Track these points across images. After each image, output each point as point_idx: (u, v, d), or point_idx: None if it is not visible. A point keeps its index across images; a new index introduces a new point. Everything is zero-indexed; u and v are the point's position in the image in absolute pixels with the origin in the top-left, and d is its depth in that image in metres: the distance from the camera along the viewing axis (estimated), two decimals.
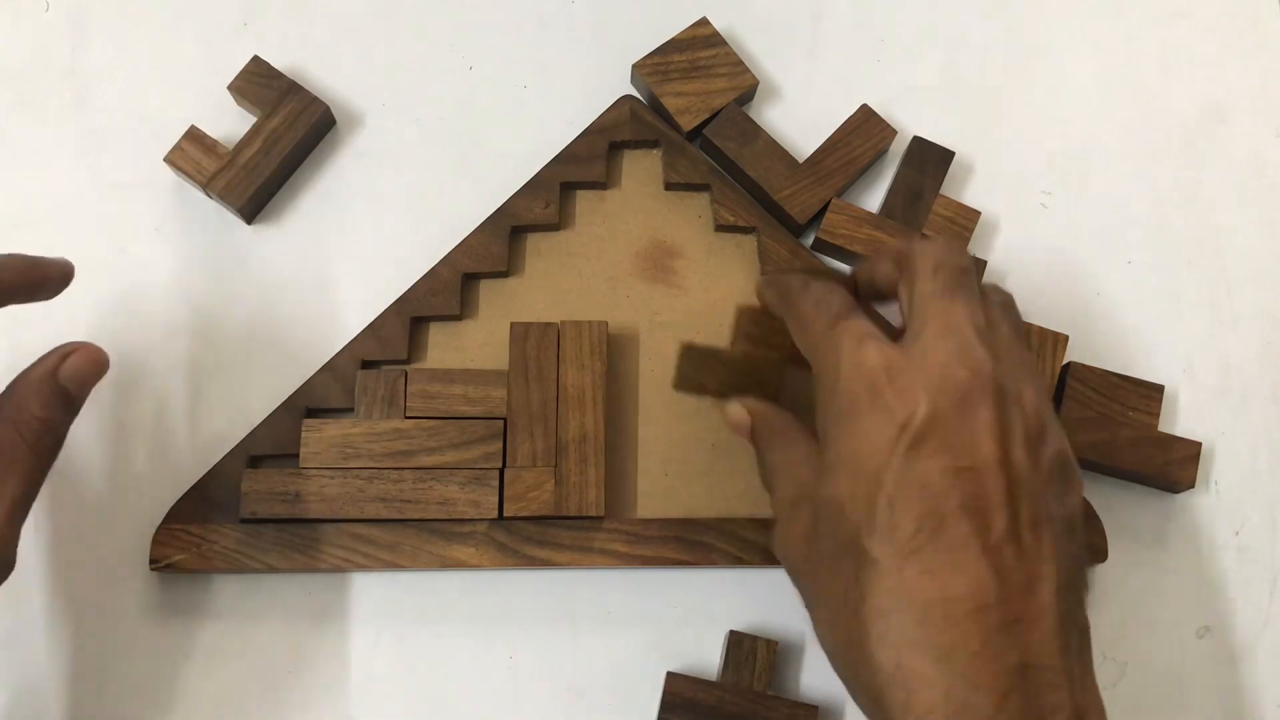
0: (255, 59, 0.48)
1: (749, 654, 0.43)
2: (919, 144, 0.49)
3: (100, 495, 0.45)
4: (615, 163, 0.49)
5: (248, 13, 0.51)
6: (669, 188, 0.49)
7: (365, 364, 0.46)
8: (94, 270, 0.47)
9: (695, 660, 0.45)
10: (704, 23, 0.49)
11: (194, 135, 0.47)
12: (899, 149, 0.49)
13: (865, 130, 0.48)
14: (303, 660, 0.44)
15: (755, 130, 0.48)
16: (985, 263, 0.48)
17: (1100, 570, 0.46)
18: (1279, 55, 0.52)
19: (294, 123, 0.47)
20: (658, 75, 0.48)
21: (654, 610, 0.45)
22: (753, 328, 0.42)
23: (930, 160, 0.49)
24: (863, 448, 0.33)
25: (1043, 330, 0.46)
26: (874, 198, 0.50)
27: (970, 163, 0.50)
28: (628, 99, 0.48)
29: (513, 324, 0.45)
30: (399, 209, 0.49)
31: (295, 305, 0.47)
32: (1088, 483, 0.47)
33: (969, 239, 0.48)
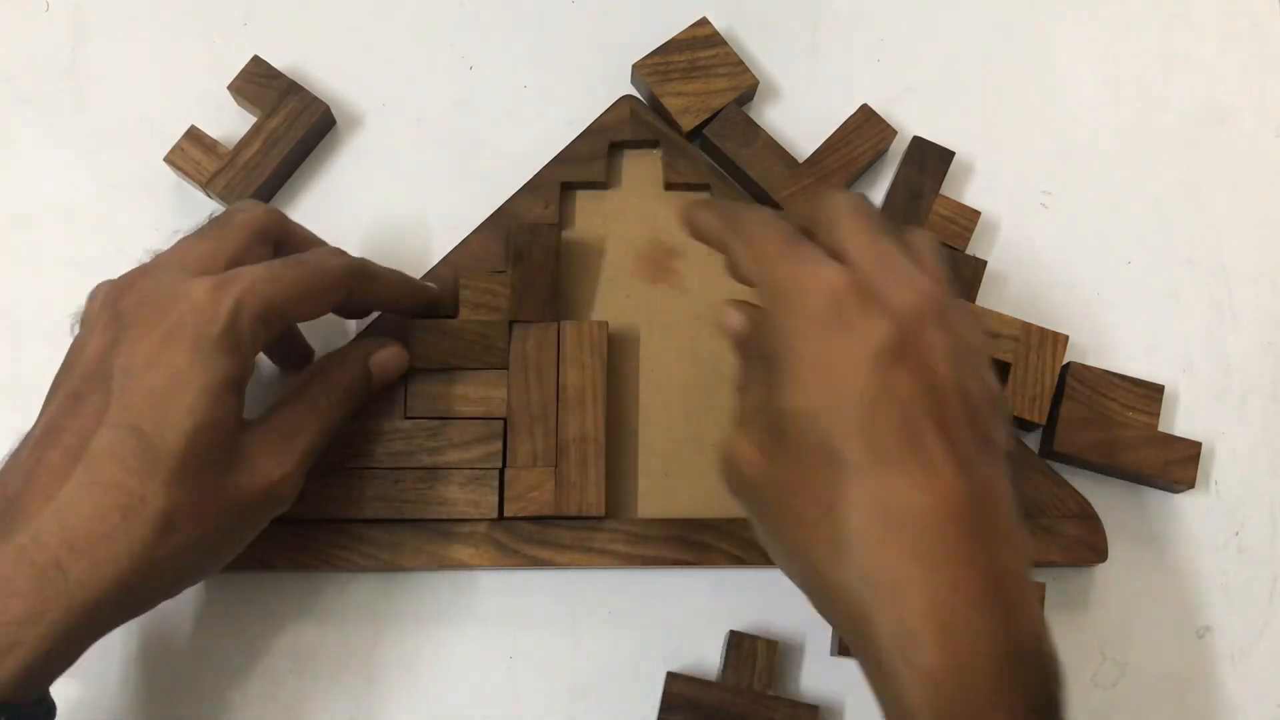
0: (255, 59, 0.48)
1: (749, 654, 0.43)
2: (919, 144, 0.49)
3: None
4: (615, 163, 0.49)
5: (248, 13, 0.51)
6: (669, 188, 0.49)
7: None
8: (94, 270, 0.47)
9: (695, 660, 0.45)
10: (704, 23, 0.49)
11: (194, 135, 0.47)
12: (899, 149, 0.49)
13: (865, 130, 0.49)
14: (303, 660, 0.44)
15: (755, 130, 0.48)
16: (985, 263, 0.48)
17: (1100, 570, 0.46)
18: (1279, 55, 0.52)
19: (294, 123, 0.47)
20: (658, 75, 0.48)
21: (654, 610, 0.45)
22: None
23: (930, 160, 0.49)
24: (828, 358, 0.34)
25: (1043, 330, 0.46)
26: (874, 198, 0.50)
27: (970, 163, 0.50)
28: (628, 99, 0.48)
29: (513, 324, 0.45)
30: (399, 209, 0.49)
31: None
32: (1088, 482, 0.47)
33: (969, 239, 0.48)
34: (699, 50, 0.48)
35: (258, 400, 0.42)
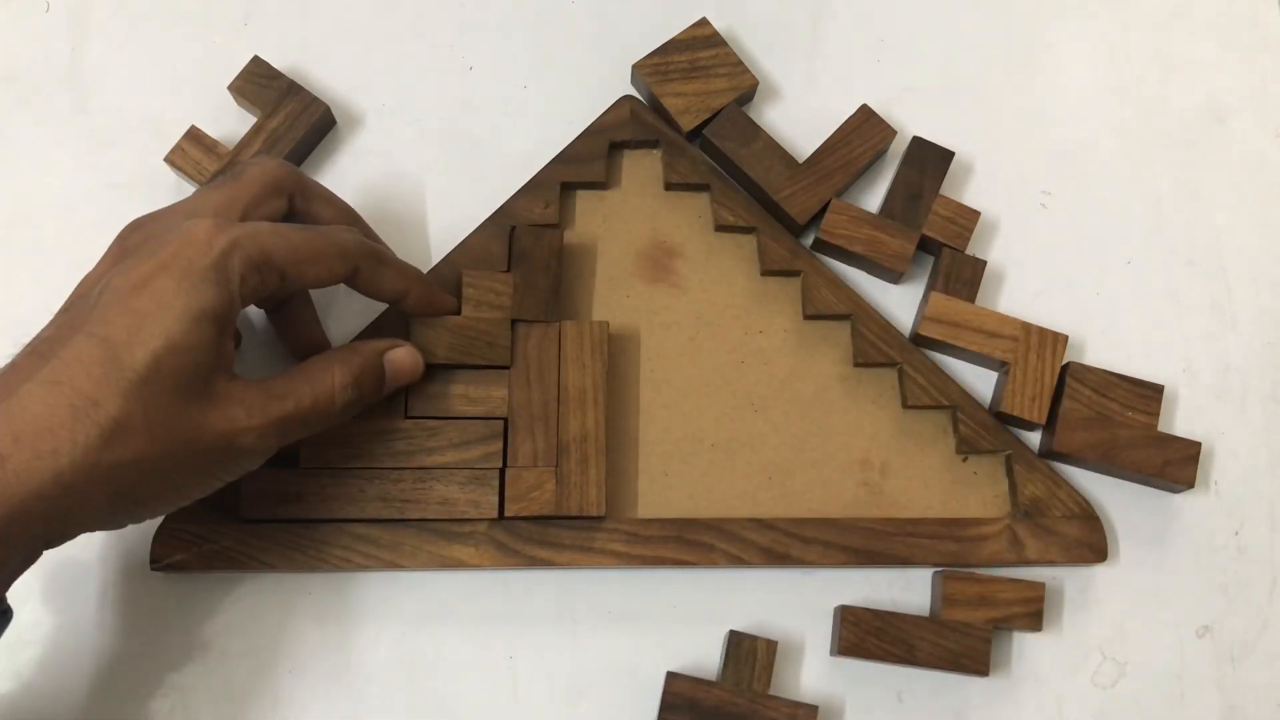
0: (255, 59, 0.48)
1: (749, 654, 0.43)
2: (919, 144, 0.49)
3: None
4: (615, 163, 0.49)
5: (248, 13, 0.51)
6: (669, 188, 0.49)
7: None
8: None
9: (695, 660, 0.45)
10: (704, 23, 0.49)
11: (194, 135, 0.47)
12: (899, 149, 0.49)
13: (865, 130, 0.48)
14: (303, 660, 0.44)
15: (755, 130, 0.48)
16: (985, 263, 0.48)
17: (1100, 570, 0.46)
18: (1279, 55, 0.52)
19: (294, 123, 0.47)
20: (658, 75, 0.48)
21: (654, 610, 0.45)
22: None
23: (930, 160, 0.49)
24: None
25: (1042, 330, 0.46)
26: (874, 198, 0.50)
27: (970, 163, 0.50)
28: (628, 99, 0.48)
29: (514, 323, 0.45)
30: (399, 209, 0.49)
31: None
32: (1088, 482, 0.47)
33: (969, 239, 0.48)
34: (699, 50, 0.48)
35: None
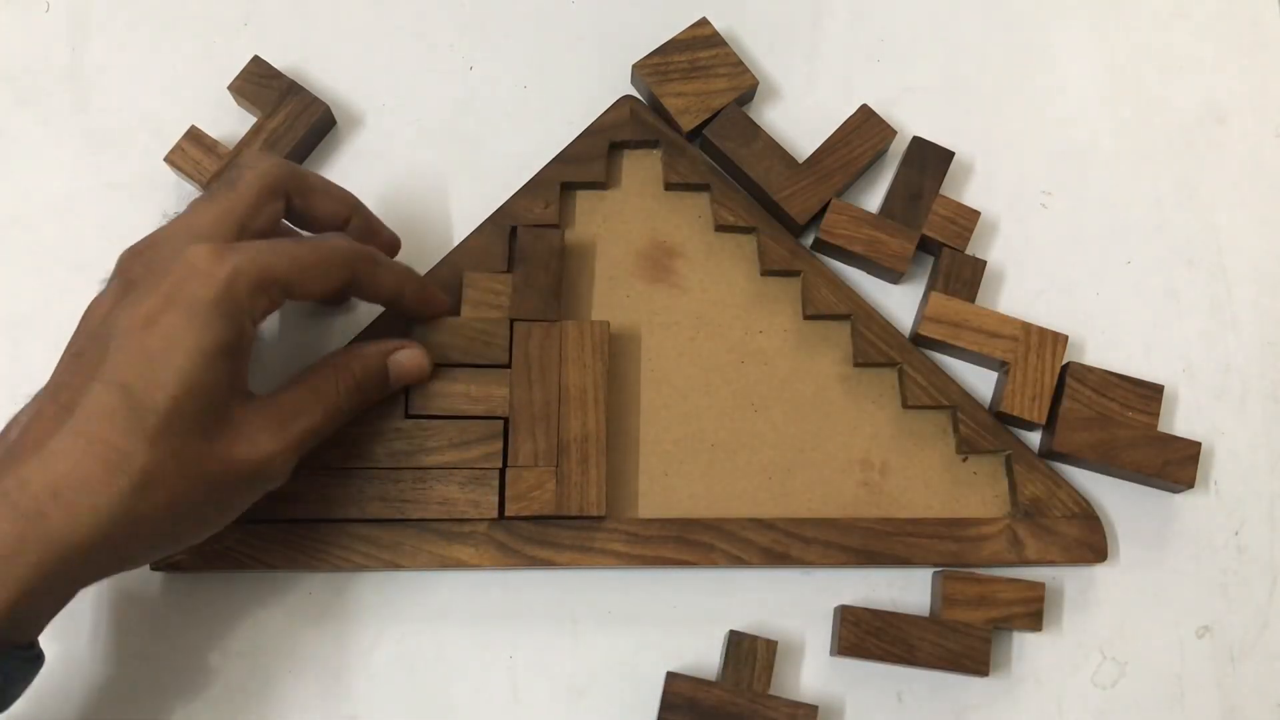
0: (255, 59, 0.48)
1: (749, 654, 0.43)
2: (919, 144, 0.49)
3: None
4: (615, 163, 0.49)
5: (248, 13, 0.51)
6: (669, 188, 0.49)
7: None
8: (94, 270, 0.47)
9: (695, 660, 0.45)
10: (704, 23, 0.49)
11: (194, 135, 0.47)
12: (899, 149, 0.49)
13: (865, 130, 0.48)
14: (303, 660, 0.44)
15: (755, 130, 0.48)
16: (985, 263, 0.48)
17: (1100, 570, 0.46)
18: (1279, 55, 0.52)
19: (294, 123, 0.47)
20: (658, 75, 0.48)
21: (654, 610, 0.45)
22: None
23: (930, 160, 0.49)
24: None
25: (1042, 330, 0.46)
26: (874, 198, 0.50)
27: (970, 163, 0.50)
28: (628, 99, 0.48)
29: (515, 323, 0.45)
30: (399, 209, 0.49)
31: (295, 305, 0.47)
32: (1088, 482, 0.47)
33: (969, 239, 0.48)
34: (699, 50, 0.48)
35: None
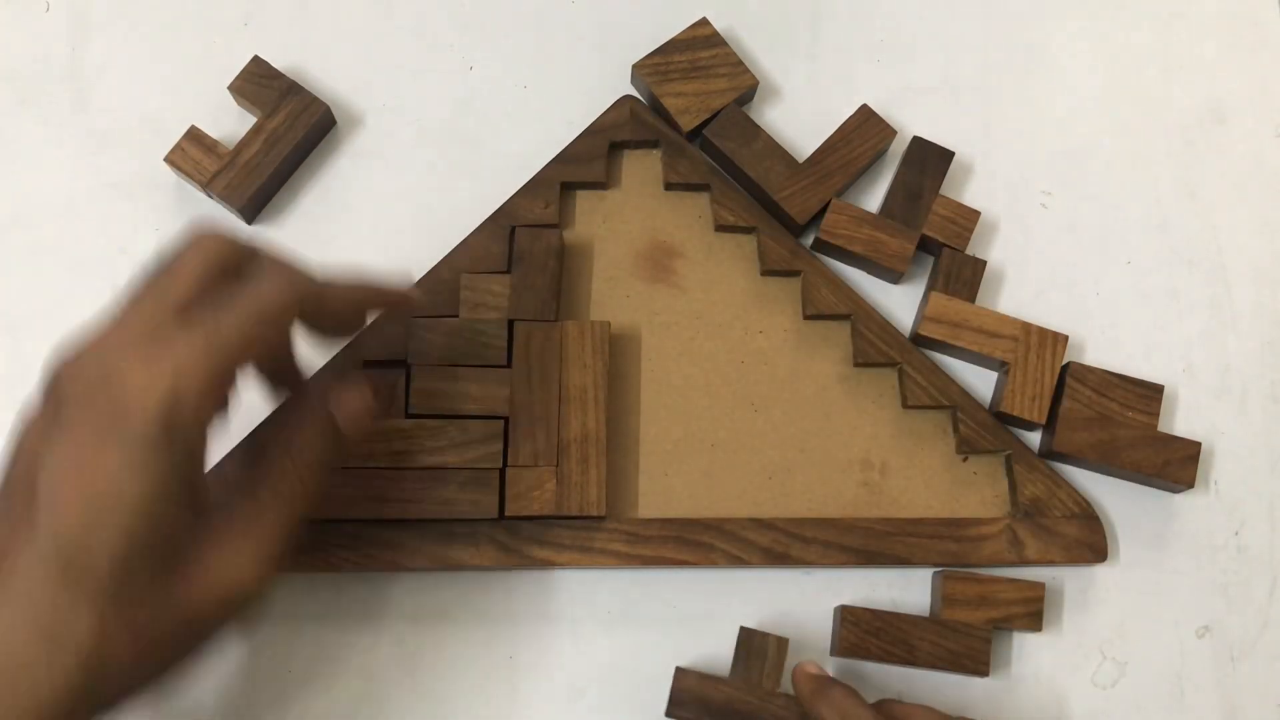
0: (255, 59, 0.48)
1: (759, 651, 0.43)
2: (919, 144, 0.49)
3: None
4: (615, 163, 0.49)
5: (248, 13, 0.51)
6: (669, 188, 0.49)
7: (366, 363, 0.46)
8: (94, 270, 0.47)
9: (695, 660, 0.44)
10: (704, 23, 0.49)
11: (194, 135, 0.47)
12: (899, 149, 0.49)
13: (865, 130, 0.48)
14: (303, 660, 0.44)
15: (755, 130, 0.48)
16: (985, 263, 0.48)
17: (1100, 570, 0.46)
18: (1279, 55, 0.52)
19: (294, 123, 0.47)
20: (658, 75, 0.48)
21: (654, 610, 0.45)
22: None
23: (930, 160, 0.49)
24: None
25: (1042, 330, 0.46)
26: (874, 198, 0.50)
27: (970, 163, 0.50)
28: (628, 99, 0.48)
29: (516, 323, 0.45)
30: (399, 209, 0.49)
31: None
32: (1088, 482, 0.47)
33: (969, 239, 0.48)
34: (699, 50, 0.48)
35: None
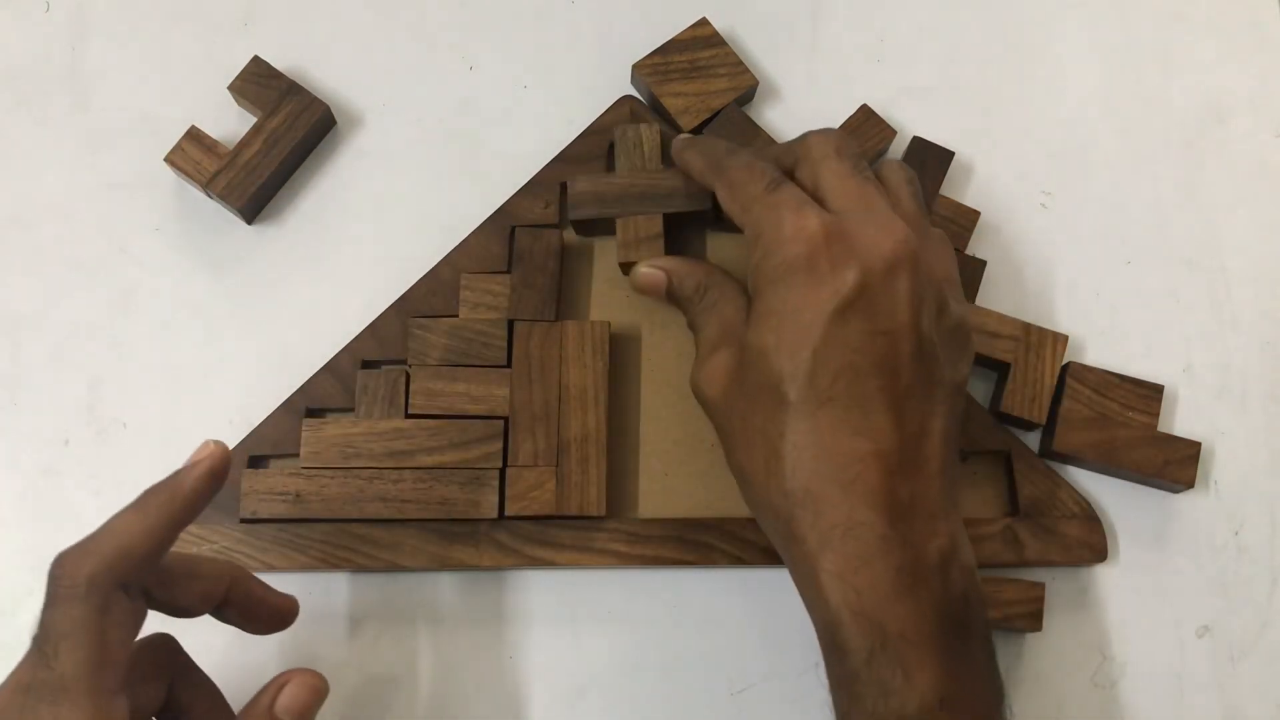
0: (255, 59, 0.48)
1: (634, 142, 0.46)
2: (919, 144, 0.49)
3: None
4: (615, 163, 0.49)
5: (248, 13, 0.51)
6: None
7: (365, 364, 0.46)
8: (94, 270, 0.47)
9: (695, 660, 0.45)
10: (704, 23, 0.49)
11: (194, 135, 0.47)
12: (899, 149, 0.49)
13: (865, 130, 0.48)
14: (304, 660, 0.44)
15: (755, 130, 0.48)
16: (985, 263, 0.48)
17: (1100, 570, 0.46)
18: (1279, 55, 0.52)
19: (294, 123, 0.47)
20: (658, 75, 0.48)
21: (654, 610, 0.45)
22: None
23: (930, 160, 0.49)
24: (794, 304, 0.37)
25: (1042, 330, 0.46)
26: None
27: (970, 163, 0.50)
28: (628, 99, 0.48)
29: (516, 322, 0.45)
30: (399, 209, 0.49)
31: (295, 305, 0.47)
32: (1088, 482, 0.47)
33: (969, 239, 0.48)
34: (699, 50, 0.48)
35: None
